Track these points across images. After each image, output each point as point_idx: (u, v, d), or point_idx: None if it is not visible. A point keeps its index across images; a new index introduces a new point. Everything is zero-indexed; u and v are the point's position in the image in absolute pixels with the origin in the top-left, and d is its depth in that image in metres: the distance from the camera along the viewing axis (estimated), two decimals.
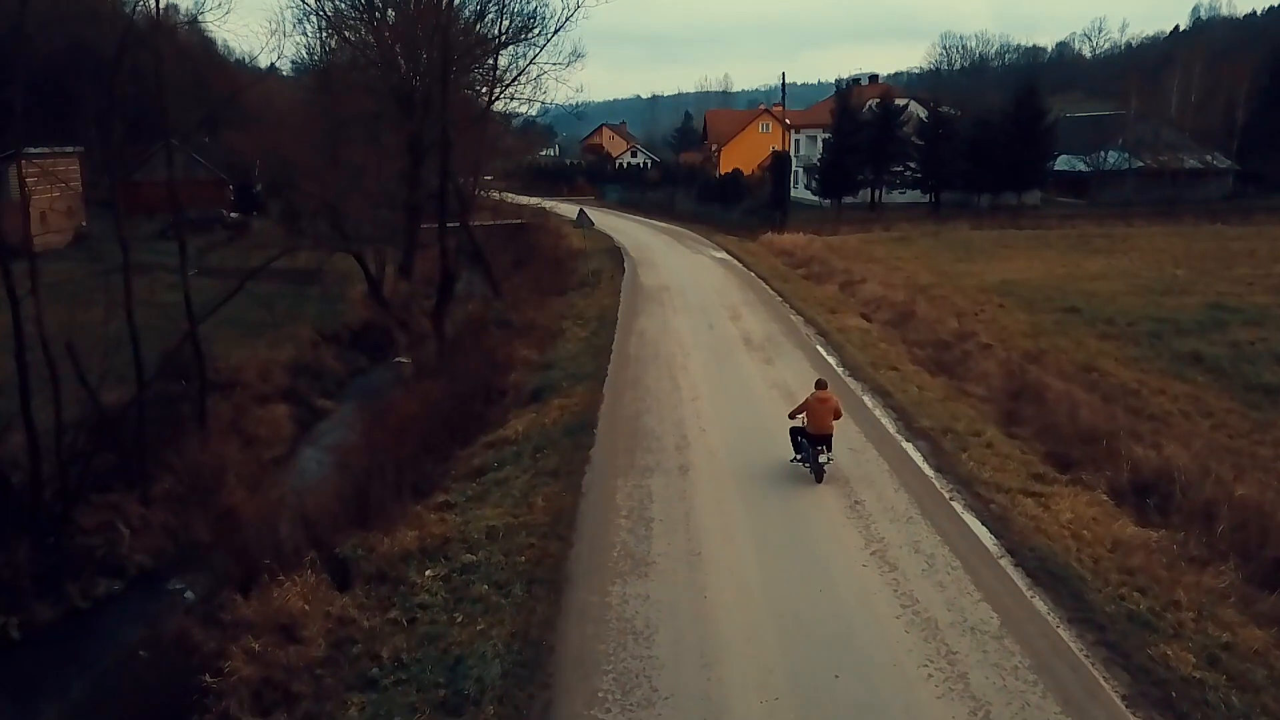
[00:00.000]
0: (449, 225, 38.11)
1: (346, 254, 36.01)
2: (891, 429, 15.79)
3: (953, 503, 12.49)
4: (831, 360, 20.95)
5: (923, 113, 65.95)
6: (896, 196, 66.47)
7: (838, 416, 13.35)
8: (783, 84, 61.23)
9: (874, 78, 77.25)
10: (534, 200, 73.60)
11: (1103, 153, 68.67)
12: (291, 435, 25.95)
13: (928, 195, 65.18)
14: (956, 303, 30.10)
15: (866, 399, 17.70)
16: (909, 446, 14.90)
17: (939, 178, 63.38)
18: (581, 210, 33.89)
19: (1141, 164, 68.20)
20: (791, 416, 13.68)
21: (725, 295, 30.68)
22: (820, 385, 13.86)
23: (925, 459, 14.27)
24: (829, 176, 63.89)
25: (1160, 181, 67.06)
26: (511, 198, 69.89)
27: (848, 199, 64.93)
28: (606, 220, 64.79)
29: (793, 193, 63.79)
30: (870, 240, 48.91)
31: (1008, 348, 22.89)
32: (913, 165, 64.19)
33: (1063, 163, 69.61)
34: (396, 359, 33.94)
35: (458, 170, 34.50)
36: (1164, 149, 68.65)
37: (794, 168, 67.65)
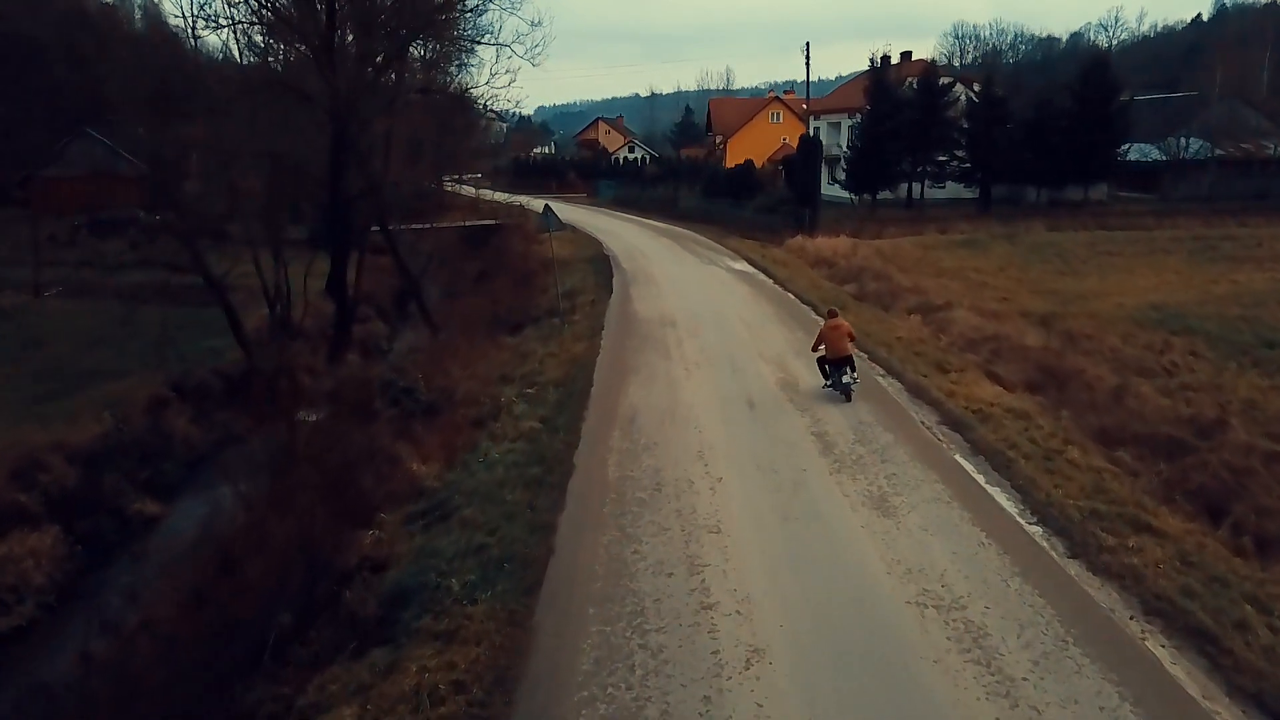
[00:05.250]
0: (372, 230, 27.80)
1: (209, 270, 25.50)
2: None
3: None
4: (1008, 503, 10.53)
5: (970, 92, 55.59)
6: (935, 191, 56.30)
7: (853, 339, 15.03)
8: (807, 56, 50.43)
9: (907, 54, 66.63)
10: (517, 198, 63.92)
11: (1182, 140, 58.19)
12: (53, 584, 15.62)
13: (975, 189, 54.88)
14: (1115, 346, 19.73)
15: (1166, 656, 7.33)
16: None
17: (991, 168, 52.96)
18: (546, 207, 23.54)
19: (1223, 152, 57.84)
20: (814, 349, 15.17)
21: (761, 335, 20.31)
22: (831, 314, 15.55)
23: None
24: (861, 167, 53.41)
25: (1248, 172, 56.91)
26: (491, 195, 59.94)
27: (883, 194, 54.61)
28: (597, 220, 54.50)
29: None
30: (928, 245, 38.47)
31: None
32: (960, 154, 53.80)
33: (1133, 152, 59.15)
34: (300, 414, 23.44)
35: (373, 153, 23.97)
36: (1247, 135, 58.26)
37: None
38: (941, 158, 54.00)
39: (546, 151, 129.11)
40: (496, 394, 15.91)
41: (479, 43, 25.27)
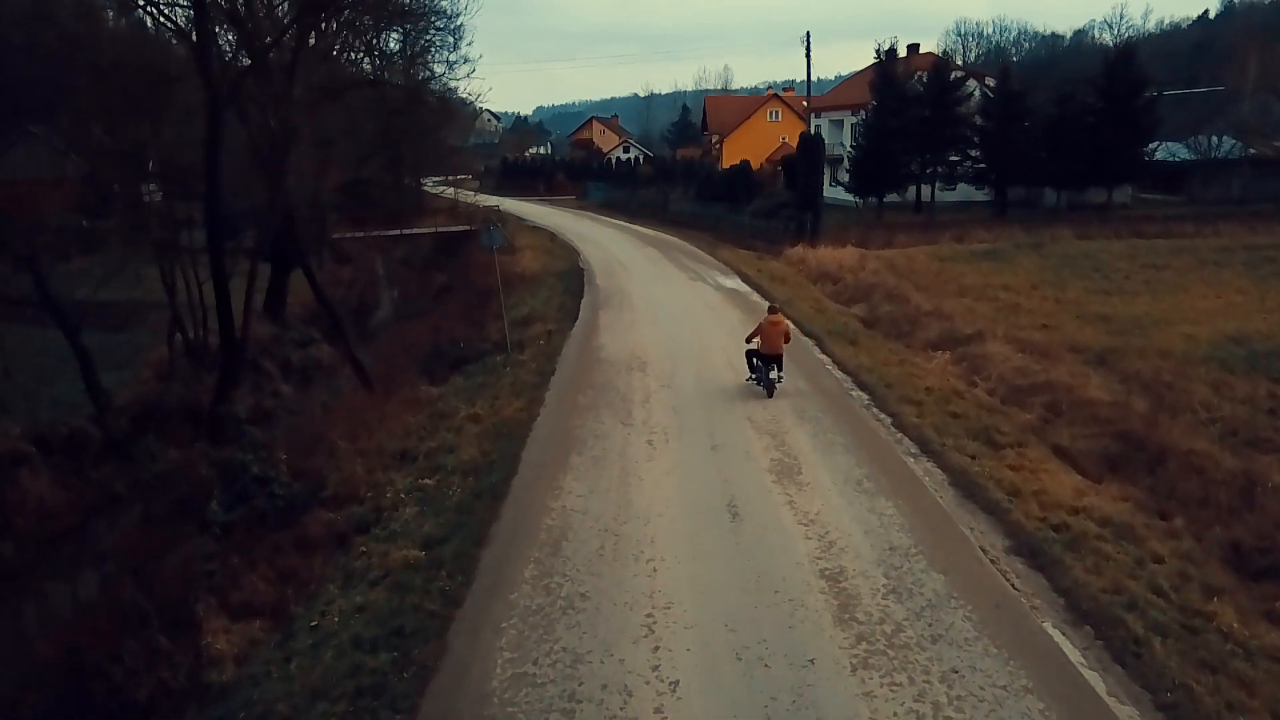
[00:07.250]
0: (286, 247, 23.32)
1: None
2: None
3: None
4: None
5: (985, 88, 51.28)
6: (945, 194, 51.97)
7: (787, 340, 15.14)
8: (807, 48, 46.19)
9: (914, 47, 62.09)
10: (494, 200, 60.05)
11: (1213, 138, 53.86)
12: None
13: (988, 191, 50.58)
14: (1208, 400, 15.39)
15: None
16: None
17: (1008, 169, 48.60)
18: (488, 223, 19.23)
19: (1255, 151, 53.47)
20: (748, 340, 15.34)
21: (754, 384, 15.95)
22: (772, 310, 15.45)
23: None
24: (866, 168, 49.04)
25: None
26: (463, 197, 55.84)
27: (889, 196, 50.24)
28: (580, 226, 50.25)
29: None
30: (944, 256, 34.12)
31: None
32: (974, 154, 49.44)
33: (1159, 151, 54.77)
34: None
35: (273, 150, 19.48)
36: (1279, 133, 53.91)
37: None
38: (953, 158, 49.71)
39: (541, 151, 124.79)
40: (384, 485, 11.55)
41: (384, 10, 20.56)
